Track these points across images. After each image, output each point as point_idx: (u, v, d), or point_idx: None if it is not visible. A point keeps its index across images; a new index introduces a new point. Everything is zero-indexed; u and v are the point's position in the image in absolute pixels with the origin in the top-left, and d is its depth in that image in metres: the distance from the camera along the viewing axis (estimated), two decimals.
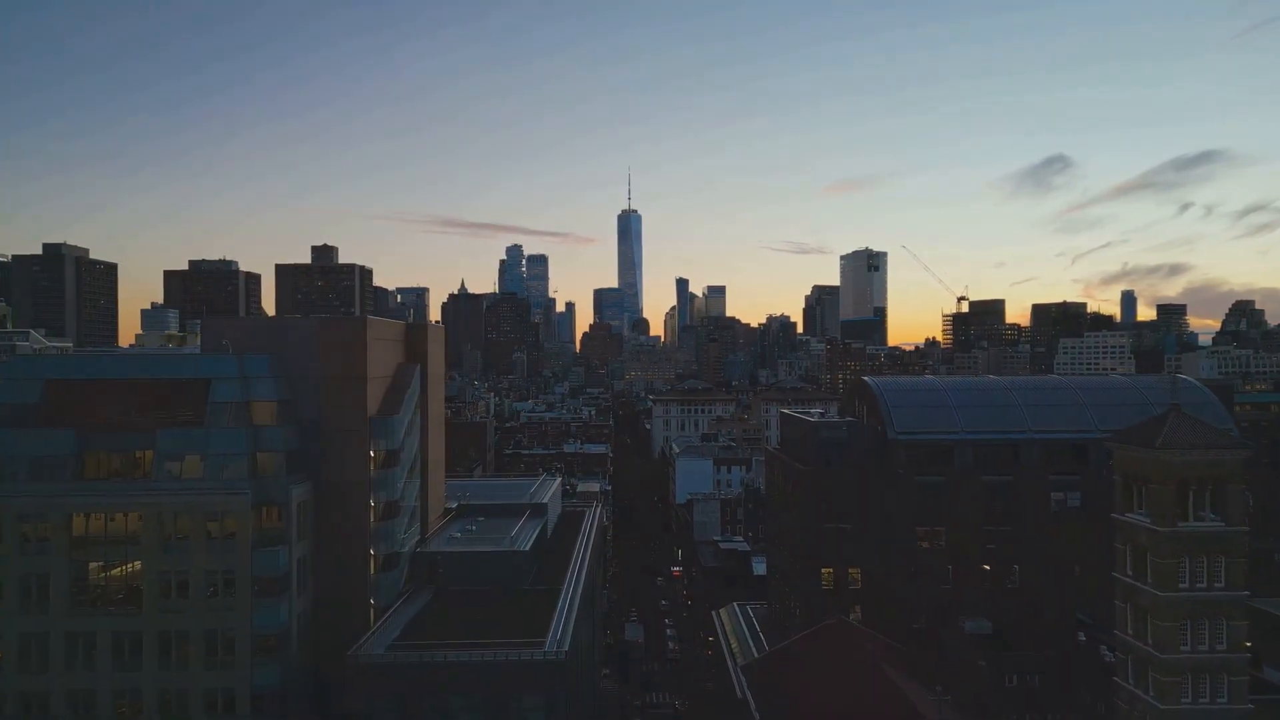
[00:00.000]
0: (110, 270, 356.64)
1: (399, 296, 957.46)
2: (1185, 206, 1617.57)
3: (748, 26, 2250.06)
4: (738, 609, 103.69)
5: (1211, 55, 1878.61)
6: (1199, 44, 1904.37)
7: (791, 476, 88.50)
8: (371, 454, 66.99)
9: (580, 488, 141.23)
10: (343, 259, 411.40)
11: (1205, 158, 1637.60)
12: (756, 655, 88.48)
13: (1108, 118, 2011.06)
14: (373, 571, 66.51)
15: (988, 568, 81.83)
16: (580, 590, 72.46)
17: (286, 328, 67.73)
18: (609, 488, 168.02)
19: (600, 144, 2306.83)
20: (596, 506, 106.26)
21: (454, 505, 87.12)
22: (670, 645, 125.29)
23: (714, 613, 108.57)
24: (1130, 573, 58.24)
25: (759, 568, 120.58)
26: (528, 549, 72.48)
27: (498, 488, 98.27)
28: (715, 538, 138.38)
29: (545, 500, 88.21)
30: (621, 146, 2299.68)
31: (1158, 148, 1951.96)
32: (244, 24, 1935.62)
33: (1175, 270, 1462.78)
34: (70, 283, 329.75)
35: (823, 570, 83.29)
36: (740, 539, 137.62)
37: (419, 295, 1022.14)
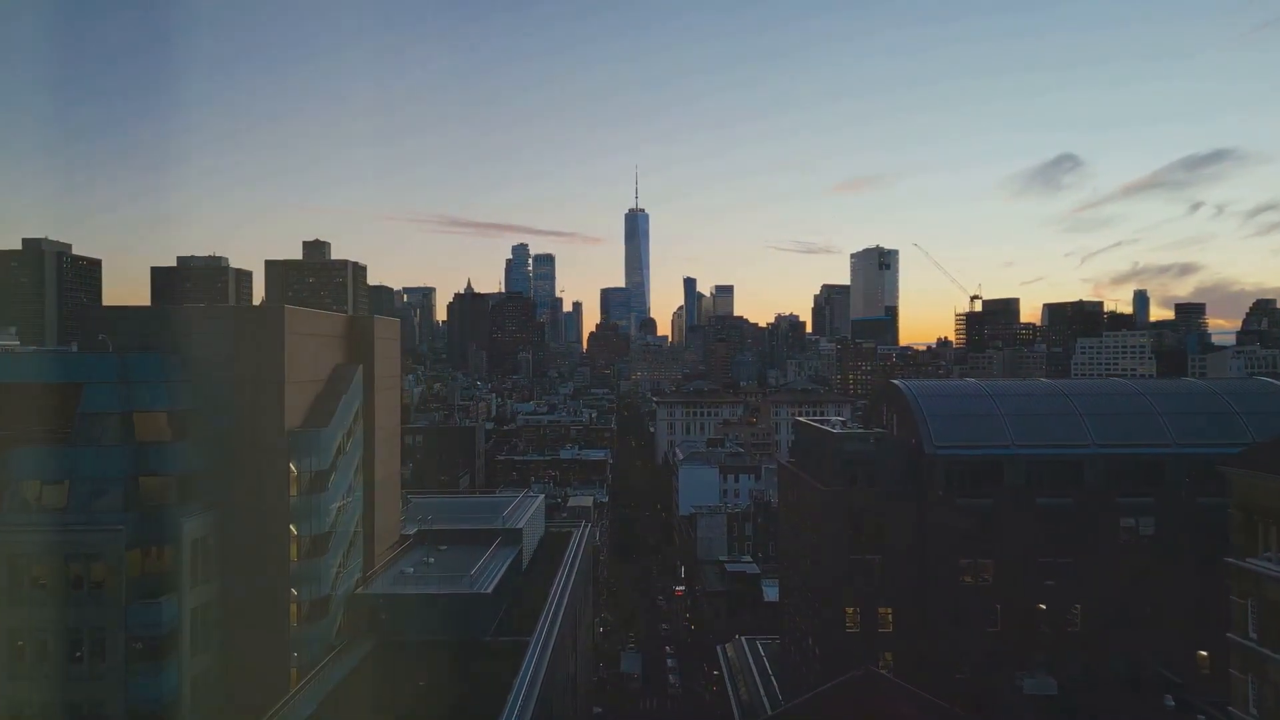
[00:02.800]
0: (94, 266, 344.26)
1: (405, 296, 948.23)
2: (1196, 206, 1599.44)
3: (755, 25, 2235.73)
4: (745, 645, 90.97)
5: (1222, 53, 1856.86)
6: (1210, 42, 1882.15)
7: (809, 497, 75.52)
8: (296, 475, 54.22)
9: (572, 501, 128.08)
10: (353, 259, 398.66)
11: (1216, 156, 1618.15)
12: (769, 708, 75.67)
13: (1117, 116, 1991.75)
14: (294, 622, 53.70)
15: (1044, 607, 68.96)
16: (555, 639, 59.67)
17: (188, 319, 54.90)
18: (605, 500, 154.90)
19: (607, 143, 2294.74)
20: (585, 527, 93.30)
21: (413, 531, 74.36)
22: (671, 679, 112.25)
23: (719, 648, 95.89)
24: (1255, 635, 45.03)
25: (770, 592, 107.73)
26: (490, 591, 59.56)
27: (470, 507, 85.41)
28: (721, 558, 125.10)
29: (521, 525, 75.32)
30: (629, 146, 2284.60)
31: (1168, 146, 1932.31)
32: (251, 23, 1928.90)
33: (1186, 270, 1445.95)
34: (50, 279, 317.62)
35: (846, 609, 70.43)
36: (748, 559, 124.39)
37: (425, 295, 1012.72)
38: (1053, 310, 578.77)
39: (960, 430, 70.95)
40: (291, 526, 54.06)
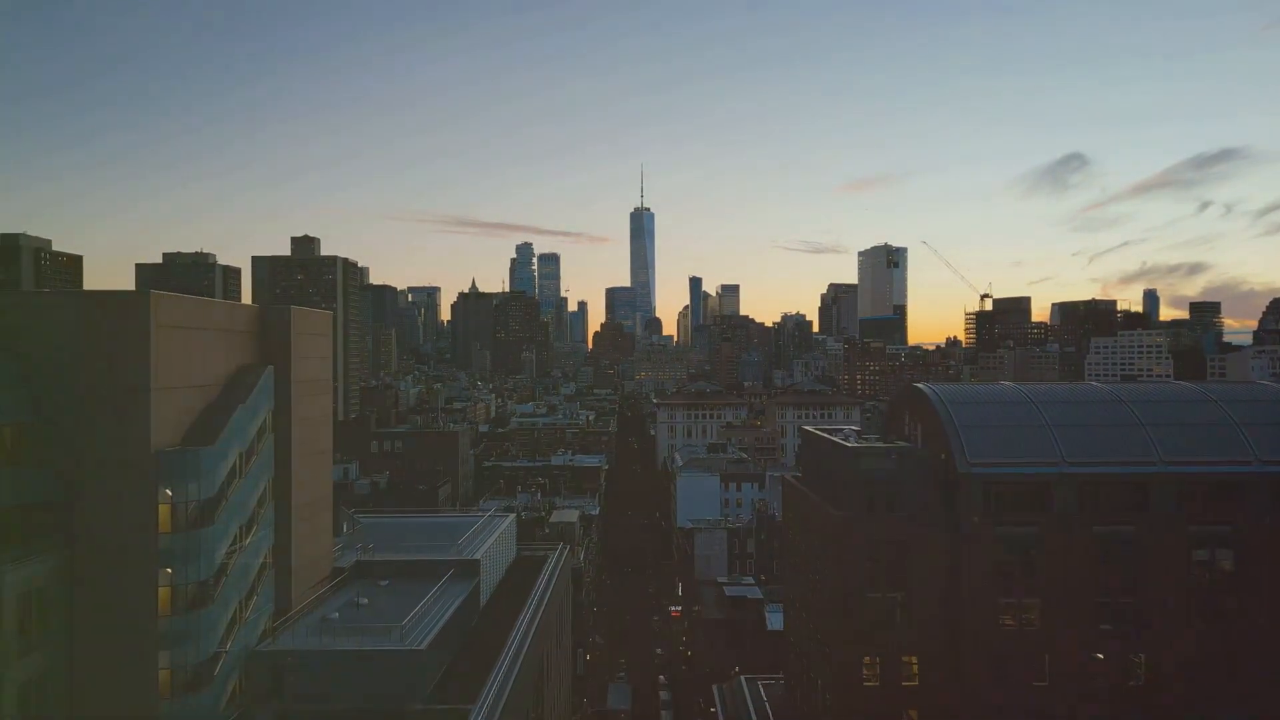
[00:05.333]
0: (75, 263, 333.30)
1: (410, 295, 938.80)
2: (1204, 205, 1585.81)
3: (763, 25, 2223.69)
4: (745, 686, 79.41)
5: (1230, 52, 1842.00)
6: (1217, 40, 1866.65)
7: (818, 522, 64.00)
8: (174, 504, 42.84)
9: (555, 516, 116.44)
10: (352, 258, 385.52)
11: (1224, 155, 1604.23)
12: None
13: (1125, 115, 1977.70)
14: (165, 694, 42.28)
15: (1100, 657, 57.50)
16: (507, 702, 48.35)
17: (20, 309, 43.59)
18: (596, 511, 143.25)
19: (614, 143, 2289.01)
20: (563, 551, 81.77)
21: (351, 562, 62.94)
22: (664, 716, 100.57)
23: (715, 688, 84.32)
24: None
25: (774, 620, 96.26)
26: (424, 646, 48.08)
27: (426, 530, 73.79)
28: (720, 579, 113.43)
29: (479, 555, 63.82)
30: (635, 146, 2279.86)
31: (1176, 145, 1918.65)
32: (260, 24, 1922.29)
33: (1195, 269, 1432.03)
34: (28, 276, 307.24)
35: (864, 658, 58.97)
36: (750, 580, 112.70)
37: (430, 294, 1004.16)
38: (1064, 309, 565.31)
39: (1000, 444, 59.44)
40: (168, 570, 42.71)
